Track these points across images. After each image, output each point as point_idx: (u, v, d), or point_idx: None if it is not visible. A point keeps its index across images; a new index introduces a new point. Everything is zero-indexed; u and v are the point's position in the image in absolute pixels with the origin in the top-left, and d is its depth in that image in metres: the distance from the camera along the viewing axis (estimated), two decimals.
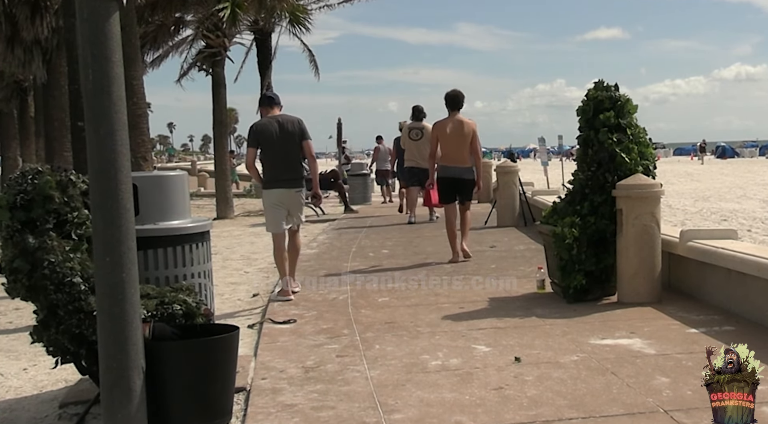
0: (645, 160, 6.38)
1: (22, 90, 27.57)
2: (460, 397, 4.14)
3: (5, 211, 3.87)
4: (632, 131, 6.37)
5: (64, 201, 3.97)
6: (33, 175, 3.93)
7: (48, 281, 3.79)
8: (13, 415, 4.38)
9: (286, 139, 6.87)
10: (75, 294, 3.79)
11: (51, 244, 3.83)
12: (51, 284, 3.78)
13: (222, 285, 7.89)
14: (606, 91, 6.44)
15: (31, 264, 3.81)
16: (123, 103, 3.29)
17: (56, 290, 3.78)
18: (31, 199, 3.89)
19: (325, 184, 16.20)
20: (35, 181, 3.91)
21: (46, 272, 3.78)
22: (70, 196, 4.01)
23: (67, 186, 4.01)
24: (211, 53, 19.04)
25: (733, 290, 5.87)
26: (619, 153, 6.23)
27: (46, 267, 3.79)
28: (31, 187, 3.90)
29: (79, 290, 3.80)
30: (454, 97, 8.70)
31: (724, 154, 61.15)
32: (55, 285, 3.79)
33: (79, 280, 3.81)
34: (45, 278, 3.79)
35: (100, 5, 3.22)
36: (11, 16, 17.14)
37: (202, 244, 4.59)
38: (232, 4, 17.46)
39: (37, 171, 3.98)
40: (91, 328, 3.71)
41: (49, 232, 3.87)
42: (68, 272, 3.81)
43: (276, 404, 4.14)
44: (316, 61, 25.14)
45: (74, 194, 4.02)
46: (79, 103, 5.82)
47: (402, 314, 6.16)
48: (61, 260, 3.81)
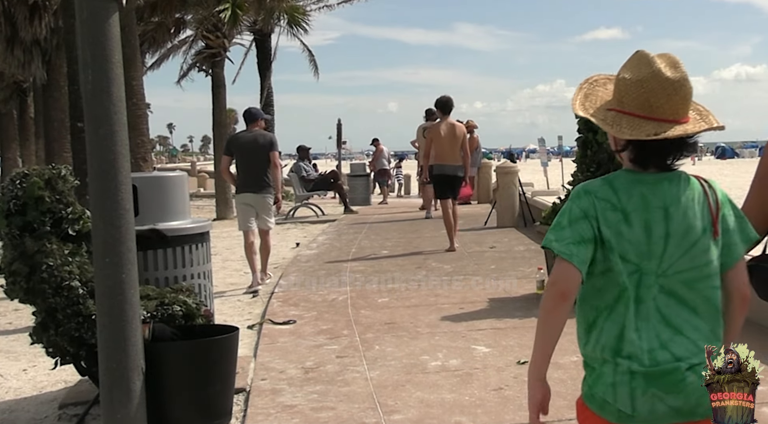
0: None
1: (21, 91, 27.55)
2: (459, 397, 4.14)
3: (1, 219, 3.86)
4: None
5: (56, 199, 3.97)
6: (20, 179, 3.93)
7: (46, 284, 3.78)
8: (12, 416, 4.38)
9: (256, 150, 7.81)
10: (73, 298, 3.79)
11: (50, 247, 3.82)
12: (49, 288, 3.77)
13: (222, 286, 7.89)
14: None
15: (30, 267, 3.80)
16: (122, 104, 3.29)
17: (54, 294, 3.77)
18: (24, 204, 3.89)
19: (325, 184, 16.20)
20: (23, 185, 3.91)
21: (44, 276, 3.78)
22: (61, 192, 4.00)
23: (56, 182, 4.00)
24: (211, 54, 19.04)
25: None
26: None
27: (45, 270, 3.78)
28: (21, 192, 3.90)
29: (77, 294, 3.79)
30: (445, 102, 9.71)
31: (724, 155, 61.16)
32: (53, 289, 3.77)
33: (78, 284, 3.80)
34: (43, 281, 3.78)
35: (99, 6, 3.22)
36: (10, 17, 17.13)
37: (202, 244, 4.59)
38: (232, 5, 17.45)
39: (24, 174, 3.98)
40: (90, 331, 3.70)
41: (49, 235, 3.86)
42: (67, 276, 3.80)
43: (276, 405, 4.14)
44: (315, 61, 25.17)
45: (64, 190, 4.01)
46: (79, 103, 5.83)
47: (402, 315, 6.16)
48: (59, 264, 3.80)
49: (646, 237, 1.87)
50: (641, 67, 1.90)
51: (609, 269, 1.88)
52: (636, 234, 1.87)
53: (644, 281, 1.88)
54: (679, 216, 1.89)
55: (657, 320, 1.89)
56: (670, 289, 1.90)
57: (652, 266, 1.88)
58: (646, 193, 1.89)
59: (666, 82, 1.86)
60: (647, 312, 1.88)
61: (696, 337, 1.93)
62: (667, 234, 1.88)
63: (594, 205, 1.88)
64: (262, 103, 23.59)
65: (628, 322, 1.87)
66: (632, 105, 1.89)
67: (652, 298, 1.89)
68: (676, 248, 1.88)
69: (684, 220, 1.89)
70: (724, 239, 1.93)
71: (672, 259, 1.88)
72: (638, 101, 1.88)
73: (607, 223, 1.87)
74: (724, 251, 1.94)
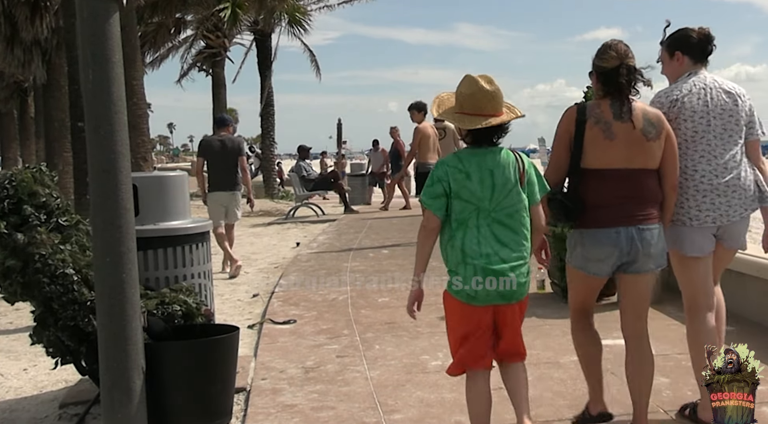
0: None
1: (22, 90, 27.56)
2: (460, 397, 4.13)
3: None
4: None
5: (47, 192, 4.02)
6: (9, 180, 3.96)
7: (41, 274, 3.80)
8: (13, 415, 4.38)
9: (226, 154, 8.81)
10: (68, 285, 3.81)
11: (40, 238, 3.84)
12: (44, 277, 3.79)
13: (222, 285, 7.89)
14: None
15: (24, 261, 3.81)
16: (123, 104, 3.29)
17: (50, 282, 3.79)
18: (18, 201, 3.91)
19: (325, 184, 16.19)
20: (14, 184, 3.94)
21: (38, 266, 3.79)
22: (48, 185, 4.06)
23: (42, 178, 4.06)
24: (211, 54, 19.08)
25: (732, 291, 5.87)
26: None
27: (38, 261, 3.80)
28: (13, 191, 3.92)
29: (71, 280, 3.81)
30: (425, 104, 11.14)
31: None
32: (49, 277, 3.80)
33: (71, 271, 3.83)
34: (38, 271, 3.79)
35: (100, 5, 3.22)
36: (11, 17, 17.11)
37: (202, 244, 4.59)
38: (232, 5, 17.49)
39: (11, 174, 4.01)
40: (87, 318, 3.72)
41: (37, 227, 3.88)
42: (60, 264, 3.82)
43: (276, 405, 4.14)
44: (317, 61, 25.22)
45: (50, 184, 4.08)
46: (79, 103, 5.83)
47: (402, 315, 6.15)
48: (51, 253, 3.83)
49: (480, 188, 3.09)
50: (471, 85, 3.15)
51: (460, 209, 3.09)
52: (474, 186, 3.09)
53: (481, 214, 3.10)
54: (500, 174, 3.10)
55: (491, 237, 3.10)
56: (498, 219, 3.11)
57: (485, 205, 3.09)
58: (479, 161, 3.11)
59: (487, 92, 3.12)
60: (485, 233, 3.10)
61: (516, 248, 3.12)
62: (493, 185, 3.09)
63: (446, 171, 3.11)
64: (262, 102, 23.62)
65: (473, 239, 3.10)
66: (469, 108, 3.13)
67: (487, 225, 3.10)
68: (499, 194, 3.09)
69: (503, 176, 3.10)
70: (528, 188, 3.16)
71: (497, 200, 3.10)
72: (472, 105, 3.12)
73: (455, 181, 3.09)
74: (529, 196, 3.16)
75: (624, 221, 3.32)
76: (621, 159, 3.32)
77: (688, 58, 3.67)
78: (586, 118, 3.33)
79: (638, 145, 3.31)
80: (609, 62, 3.36)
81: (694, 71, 3.63)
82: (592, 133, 3.32)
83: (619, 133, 3.31)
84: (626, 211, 3.33)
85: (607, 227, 3.33)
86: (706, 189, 3.51)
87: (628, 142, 3.31)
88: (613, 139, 3.31)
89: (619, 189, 3.33)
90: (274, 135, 24.47)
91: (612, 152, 3.32)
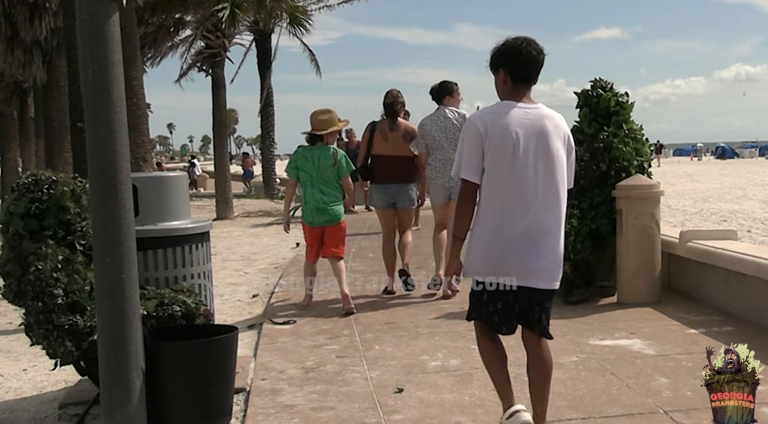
0: (640, 156, 6.43)
1: (21, 91, 27.50)
2: (459, 397, 4.14)
3: (18, 219, 3.83)
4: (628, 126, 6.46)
5: (77, 212, 3.95)
6: (49, 185, 3.89)
7: (30, 286, 3.74)
8: (13, 416, 4.38)
9: None
10: (50, 306, 3.73)
11: (45, 251, 3.77)
12: (32, 291, 3.73)
13: (222, 286, 7.89)
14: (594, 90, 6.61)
15: (23, 268, 3.76)
16: (123, 104, 3.29)
17: (34, 297, 3.73)
18: (45, 209, 3.85)
19: None
20: (51, 191, 3.87)
21: (31, 278, 3.73)
22: (83, 206, 3.97)
23: (81, 197, 3.98)
24: (211, 54, 19.04)
25: (732, 291, 5.87)
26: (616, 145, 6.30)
27: (33, 273, 3.74)
28: (46, 197, 3.86)
29: (54, 302, 3.73)
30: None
31: (724, 155, 61.11)
32: (35, 292, 3.73)
33: (60, 293, 3.74)
34: (29, 283, 3.73)
35: (99, 6, 3.22)
36: (10, 17, 17.09)
37: (202, 244, 4.58)
38: (231, 5, 17.47)
39: (53, 180, 3.93)
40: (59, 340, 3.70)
41: (47, 239, 3.82)
42: (52, 283, 3.75)
43: (276, 405, 4.14)
44: (317, 61, 25.20)
45: (85, 204, 3.96)
46: (79, 103, 5.81)
47: (402, 315, 6.16)
48: (48, 269, 3.75)
49: (311, 166, 6.37)
50: (315, 115, 6.49)
51: (304, 180, 6.41)
52: (309, 165, 6.37)
53: (313, 180, 6.36)
54: (321, 160, 6.35)
55: (318, 191, 6.35)
56: (321, 182, 6.36)
57: (314, 175, 6.35)
58: (308, 153, 6.41)
59: (319, 115, 6.50)
60: (315, 189, 6.36)
61: (331, 197, 6.40)
62: (317, 166, 6.35)
63: (297, 158, 6.50)
64: (262, 102, 23.63)
65: (310, 192, 6.38)
66: (313, 126, 6.44)
67: (318, 185, 6.36)
68: (320, 169, 6.34)
69: (324, 161, 6.36)
70: (339, 169, 6.38)
71: (320, 172, 6.35)
72: (313, 124, 6.43)
73: (302, 163, 6.40)
74: (339, 172, 6.38)
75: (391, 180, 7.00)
76: (392, 150, 6.99)
77: None
78: (377, 129, 7.06)
79: (400, 142, 6.94)
80: (387, 98, 7.04)
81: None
82: (377, 136, 7.05)
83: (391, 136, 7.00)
84: (391, 176, 6.98)
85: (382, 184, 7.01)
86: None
87: (395, 141, 6.97)
88: (388, 140, 6.97)
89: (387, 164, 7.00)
90: (273, 135, 24.47)
91: (387, 146, 7.01)
